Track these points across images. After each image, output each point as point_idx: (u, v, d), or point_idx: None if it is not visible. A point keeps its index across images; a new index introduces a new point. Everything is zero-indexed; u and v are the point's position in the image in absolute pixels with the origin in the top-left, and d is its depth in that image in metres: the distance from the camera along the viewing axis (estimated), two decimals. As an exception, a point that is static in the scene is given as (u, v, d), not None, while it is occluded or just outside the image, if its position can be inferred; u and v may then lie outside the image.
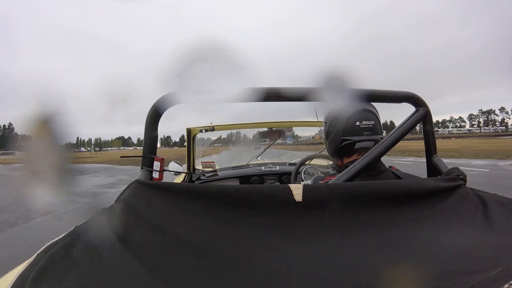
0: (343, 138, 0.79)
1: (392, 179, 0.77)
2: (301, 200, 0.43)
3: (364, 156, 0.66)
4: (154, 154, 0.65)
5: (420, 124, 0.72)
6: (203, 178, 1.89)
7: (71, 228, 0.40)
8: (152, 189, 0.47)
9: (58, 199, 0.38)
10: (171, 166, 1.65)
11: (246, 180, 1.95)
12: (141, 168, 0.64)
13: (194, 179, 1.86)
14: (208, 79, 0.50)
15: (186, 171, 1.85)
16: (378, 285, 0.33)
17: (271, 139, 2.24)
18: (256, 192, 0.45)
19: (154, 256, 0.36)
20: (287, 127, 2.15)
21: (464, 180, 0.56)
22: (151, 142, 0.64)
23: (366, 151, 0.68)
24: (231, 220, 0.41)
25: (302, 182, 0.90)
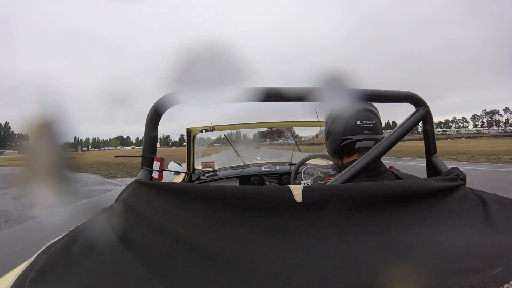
0: (343, 138, 0.79)
1: (392, 180, 0.77)
2: (301, 201, 0.43)
3: (363, 156, 0.66)
4: (154, 154, 0.65)
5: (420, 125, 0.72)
6: (202, 178, 1.88)
7: (71, 228, 0.40)
8: (152, 189, 0.47)
9: (58, 199, 0.38)
10: (171, 166, 1.65)
11: (246, 180, 1.95)
12: (141, 168, 0.64)
13: (194, 179, 1.86)
14: (208, 79, 0.50)
15: (185, 171, 1.85)
16: (378, 285, 0.33)
17: (271, 139, 2.25)
18: (256, 192, 0.45)
19: (154, 256, 0.36)
20: (287, 127, 2.15)
21: (463, 180, 0.56)
22: (151, 142, 0.64)
23: (367, 151, 0.68)
24: (231, 221, 0.41)
25: (302, 182, 0.90)
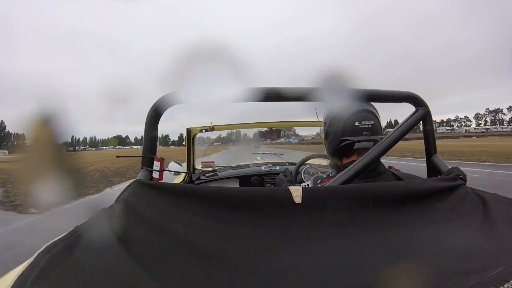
0: (342, 139, 0.78)
1: (392, 180, 0.77)
2: (300, 202, 0.43)
3: (363, 156, 0.65)
4: (154, 154, 0.65)
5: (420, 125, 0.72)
6: (203, 178, 1.88)
7: (72, 228, 0.40)
8: (152, 189, 0.47)
9: (59, 197, 0.38)
10: (171, 166, 1.65)
11: (246, 180, 1.95)
12: (141, 168, 0.64)
13: (194, 179, 1.86)
14: (208, 79, 0.50)
15: (186, 171, 1.85)
16: (378, 285, 0.33)
17: (271, 139, 2.25)
18: (256, 194, 0.45)
19: (154, 256, 0.36)
20: (287, 127, 2.15)
21: (464, 179, 0.56)
22: (151, 142, 0.64)
23: (366, 151, 0.68)
24: (231, 221, 0.41)
25: (303, 184, 0.90)
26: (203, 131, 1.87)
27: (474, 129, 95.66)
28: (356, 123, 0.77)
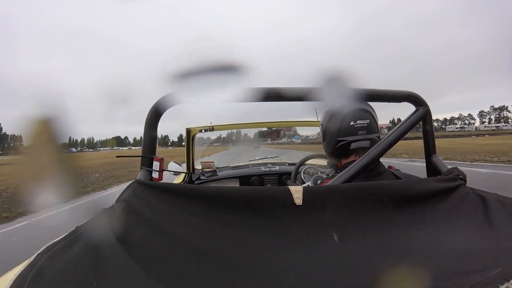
0: (338, 139, 0.78)
1: (391, 180, 0.77)
2: (301, 203, 0.43)
3: (362, 156, 0.65)
4: (153, 154, 0.65)
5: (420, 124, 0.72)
6: (202, 178, 1.88)
7: (72, 228, 0.40)
8: (152, 189, 0.47)
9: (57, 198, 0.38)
10: (171, 166, 1.65)
11: (246, 180, 1.94)
12: (140, 168, 0.64)
13: (194, 179, 1.86)
14: (208, 79, 0.50)
15: (185, 171, 1.85)
16: (378, 286, 0.33)
17: (271, 139, 2.24)
18: (256, 194, 0.45)
19: (154, 256, 0.36)
20: (287, 127, 2.15)
21: (464, 179, 0.56)
22: (151, 142, 0.64)
23: (364, 151, 0.68)
24: (231, 222, 0.41)
25: (302, 183, 0.90)
26: (203, 131, 1.87)
27: (485, 127, 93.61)
28: (352, 123, 0.77)
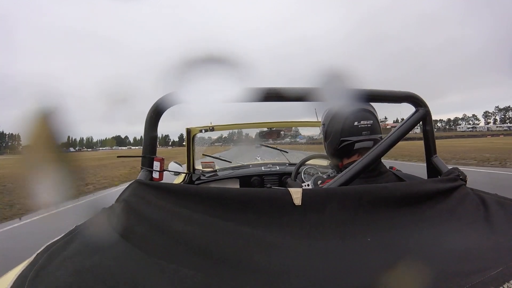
0: (342, 139, 0.78)
1: (393, 180, 0.77)
2: (300, 204, 0.43)
3: (363, 157, 0.65)
4: (154, 154, 0.65)
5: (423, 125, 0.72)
6: (203, 178, 1.88)
7: (71, 228, 0.40)
8: (152, 189, 0.47)
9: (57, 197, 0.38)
10: (171, 166, 1.65)
11: (246, 180, 1.95)
12: (141, 168, 0.64)
13: (194, 179, 1.86)
14: (208, 79, 0.50)
15: (186, 171, 1.85)
16: (378, 286, 0.33)
17: (272, 139, 2.24)
18: (256, 195, 0.45)
19: (154, 256, 0.36)
20: (287, 127, 2.15)
21: (464, 180, 0.56)
22: (151, 142, 0.64)
23: (366, 151, 0.68)
24: (231, 222, 0.42)
25: (303, 184, 0.90)
26: (203, 131, 1.87)
27: (497, 127, 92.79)
28: (356, 123, 0.77)
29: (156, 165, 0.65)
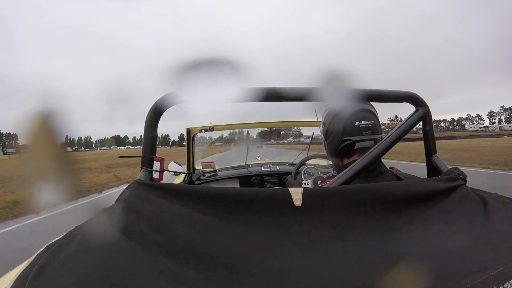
0: (343, 139, 0.79)
1: (392, 180, 0.77)
2: (300, 204, 0.43)
3: (363, 156, 0.65)
4: (153, 154, 0.65)
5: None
6: (203, 178, 1.88)
7: (72, 228, 0.40)
8: (153, 189, 0.47)
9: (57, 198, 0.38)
10: (171, 166, 1.65)
11: (246, 180, 1.95)
12: (141, 168, 0.64)
13: (194, 179, 1.86)
14: (208, 79, 0.50)
15: (186, 171, 1.85)
16: (378, 286, 0.33)
17: (273, 139, 2.25)
18: (256, 195, 0.45)
19: (153, 256, 0.36)
20: (287, 127, 2.15)
21: (464, 179, 0.56)
22: (151, 142, 0.64)
23: (367, 151, 0.68)
24: (231, 222, 0.41)
25: (303, 182, 0.90)
26: (203, 131, 1.87)
27: (509, 126, 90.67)
28: (357, 123, 0.77)
29: (156, 165, 0.65)
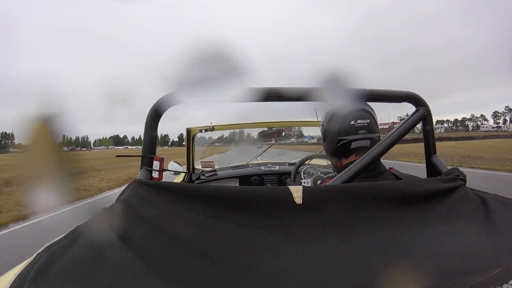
0: (339, 138, 0.79)
1: (392, 180, 0.77)
2: (301, 202, 0.43)
3: (363, 156, 0.65)
4: (153, 154, 0.65)
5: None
6: (202, 177, 1.88)
7: (72, 228, 0.40)
8: (152, 189, 0.47)
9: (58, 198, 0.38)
10: (171, 166, 1.65)
11: (245, 180, 1.95)
12: (140, 168, 0.64)
13: (194, 178, 1.86)
14: (208, 79, 0.50)
15: (185, 171, 1.85)
16: (378, 286, 0.33)
17: (274, 139, 2.25)
18: (256, 193, 0.45)
19: (154, 256, 0.36)
20: (287, 127, 2.15)
21: (464, 180, 0.56)
22: (151, 142, 0.64)
23: (364, 150, 0.68)
24: (231, 221, 0.41)
25: (302, 181, 0.90)
26: (203, 131, 1.87)
27: None
28: (352, 122, 0.78)
29: (156, 164, 0.65)
